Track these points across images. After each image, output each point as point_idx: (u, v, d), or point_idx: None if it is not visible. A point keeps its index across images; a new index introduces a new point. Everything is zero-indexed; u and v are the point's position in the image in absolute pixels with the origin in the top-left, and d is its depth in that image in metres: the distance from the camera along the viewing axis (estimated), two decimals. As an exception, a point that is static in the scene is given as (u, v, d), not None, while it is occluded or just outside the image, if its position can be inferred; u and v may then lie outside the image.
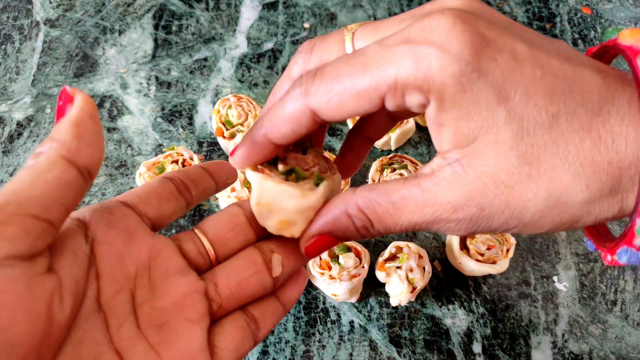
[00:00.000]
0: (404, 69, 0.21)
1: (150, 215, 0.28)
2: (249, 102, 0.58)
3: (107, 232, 0.25)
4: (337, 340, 0.48)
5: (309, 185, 0.26)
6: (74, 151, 0.22)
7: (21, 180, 0.21)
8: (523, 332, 0.50)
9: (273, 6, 0.72)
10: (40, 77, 0.64)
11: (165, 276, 0.26)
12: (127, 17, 0.70)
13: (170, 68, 0.66)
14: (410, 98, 0.22)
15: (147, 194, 0.28)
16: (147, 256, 0.26)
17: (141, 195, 0.28)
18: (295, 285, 0.31)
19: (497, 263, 0.48)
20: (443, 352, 0.48)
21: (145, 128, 0.61)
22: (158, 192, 0.28)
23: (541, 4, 0.75)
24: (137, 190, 0.28)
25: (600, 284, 0.53)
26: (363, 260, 0.47)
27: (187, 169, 0.31)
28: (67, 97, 0.23)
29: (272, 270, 0.29)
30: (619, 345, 0.49)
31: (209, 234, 0.29)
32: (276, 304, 0.30)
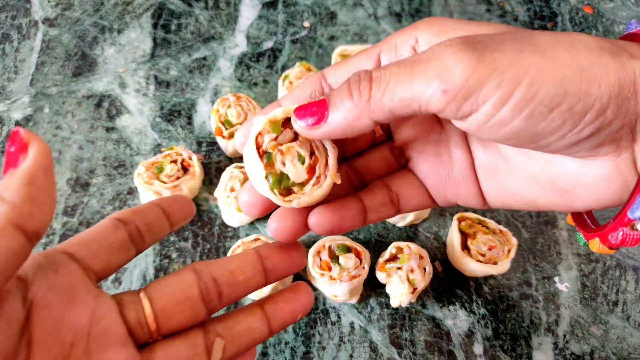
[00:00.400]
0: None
1: (97, 269, 0.26)
2: (248, 102, 0.57)
3: (48, 294, 0.23)
4: (337, 342, 0.48)
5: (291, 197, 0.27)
6: (25, 215, 0.20)
7: None
8: (524, 332, 0.49)
9: (273, 5, 0.72)
10: (39, 77, 0.64)
11: (103, 346, 0.24)
12: (126, 16, 0.70)
13: (169, 67, 0.65)
14: None
15: (97, 243, 0.26)
16: (87, 321, 0.24)
17: (91, 245, 0.26)
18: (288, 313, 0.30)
19: (499, 264, 0.48)
20: (444, 353, 0.48)
21: (144, 128, 0.60)
22: (109, 242, 0.27)
23: (542, 3, 0.75)
24: (87, 238, 0.27)
25: (601, 285, 0.52)
26: (363, 261, 0.47)
27: (144, 209, 0.29)
28: (21, 144, 0.21)
29: (212, 355, 0.27)
30: (620, 346, 0.49)
31: (155, 304, 0.26)
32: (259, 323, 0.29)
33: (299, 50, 0.68)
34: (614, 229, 0.24)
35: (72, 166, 0.57)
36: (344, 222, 0.28)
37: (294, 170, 0.26)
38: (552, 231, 0.55)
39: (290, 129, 0.27)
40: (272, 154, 0.26)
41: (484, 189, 0.30)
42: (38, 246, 0.52)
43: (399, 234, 0.55)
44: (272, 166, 0.26)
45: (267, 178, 0.26)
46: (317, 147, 0.27)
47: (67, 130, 0.59)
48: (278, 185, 0.26)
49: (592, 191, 0.25)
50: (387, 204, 0.30)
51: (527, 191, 0.27)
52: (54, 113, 0.61)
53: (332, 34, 0.70)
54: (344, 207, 0.28)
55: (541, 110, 0.21)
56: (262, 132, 0.27)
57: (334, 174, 0.27)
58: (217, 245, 0.53)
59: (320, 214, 0.28)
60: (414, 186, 0.31)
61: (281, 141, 0.26)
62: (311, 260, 0.47)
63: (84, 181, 0.56)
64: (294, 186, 0.27)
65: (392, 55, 0.28)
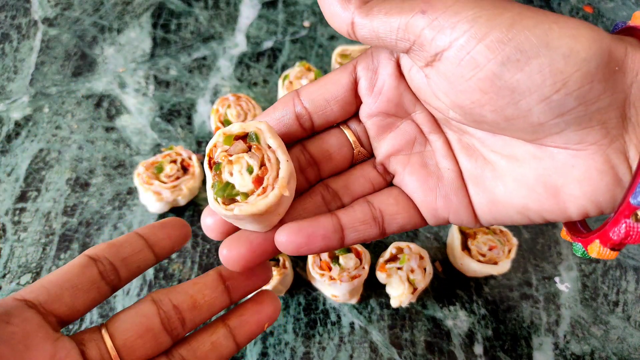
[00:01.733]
0: None
1: (59, 312, 0.26)
2: (248, 102, 0.57)
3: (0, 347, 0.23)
4: (337, 342, 0.48)
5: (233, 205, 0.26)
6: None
7: None
8: (524, 333, 0.49)
9: (272, 5, 0.72)
10: (38, 77, 0.63)
11: None
12: (126, 15, 0.70)
13: (169, 67, 0.65)
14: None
15: (59, 287, 0.26)
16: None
17: (51, 289, 0.25)
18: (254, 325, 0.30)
19: (499, 264, 0.48)
20: (444, 354, 0.48)
21: (143, 127, 0.60)
22: (74, 283, 0.26)
23: (542, 3, 0.75)
24: (49, 282, 0.26)
25: (602, 285, 0.52)
26: (363, 261, 0.47)
27: (122, 242, 0.29)
28: None
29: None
30: (620, 346, 0.49)
31: (117, 339, 0.26)
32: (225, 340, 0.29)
33: (299, 50, 0.68)
34: (615, 223, 0.22)
35: (72, 166, 0.57)
36: (312, 242, 0.26)
37: (239, 179, 0.26)
38: (553, 231, 0.55)
39: (245, 142, 0.27)
40: (221, 164, 0.26)
41: (474, 202, 0.28)
42: (38, 246, 0.52)
43: (399, 234, 0.55)
44: (219, 176, 0.27)
45: (213, 186, 0.26)
46: (269, 159, 0.26)
47: (67, 130, 0.59)
48: (221, 193, 0.26)
49: (585, 186, 0.23)
50: (368, 222, 0.28)
51: (517, 197, 0.26)
52: (54, 113, 0.61)
53: (332, 34, 0.70)
54: (315, 224, 0.26)
55: (518, 57, 0.20)
56: (216, 144, 0.27)
57: (283, 185, 0.26)
58: (216, 246, 0.53)
59: (286, 231, 0.26)
60: (400, 202, 0.29)
61: (232, 152, 0.27)
62: (311, 260, 0.47)
63: (83, 181, 0.56)
64: (238, 195, 0.26)
65: (369, 62, 0.27)
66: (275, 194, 0.25)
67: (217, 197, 0.26)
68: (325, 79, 0.28)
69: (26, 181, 0.55)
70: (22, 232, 0.52)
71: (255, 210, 0.25)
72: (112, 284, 0.28)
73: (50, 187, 0.55)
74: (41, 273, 0.50)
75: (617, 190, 0.23)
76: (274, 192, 0.25)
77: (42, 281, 0.26)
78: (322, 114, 0.28)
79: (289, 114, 0.28)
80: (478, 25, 0.21)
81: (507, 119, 0.23)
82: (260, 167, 0.26)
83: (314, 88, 0.28)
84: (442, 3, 0.22)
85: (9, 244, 0.52)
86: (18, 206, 0.54)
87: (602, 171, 0.23)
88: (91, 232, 0.53)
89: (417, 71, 0.26)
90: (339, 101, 0.28)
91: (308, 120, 0.29)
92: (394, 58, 0.27)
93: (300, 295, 0.50)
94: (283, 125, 0.29)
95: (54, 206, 0.54)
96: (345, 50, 0.62)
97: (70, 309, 0.26)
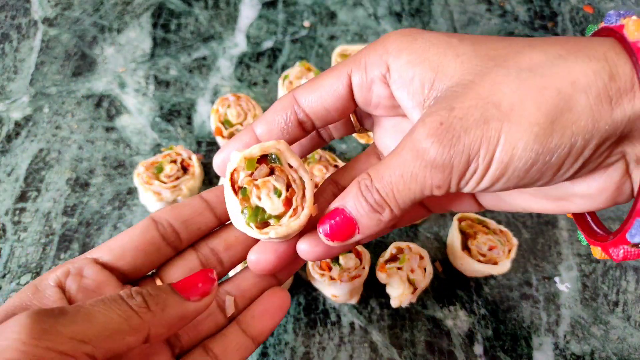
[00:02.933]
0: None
1: (124, 270, 0.28)
2: (248, 101, 0.57)
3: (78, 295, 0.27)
4: (337, 342, 0.48)
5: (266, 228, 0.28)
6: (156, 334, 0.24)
7: None
8: (524, 333, 0.49)
9: (273, 5, 0.72)
10: (38, 77, 0.63)
11: None
12: (126, 15, 0.70)
13: (169, 67, 0.65)
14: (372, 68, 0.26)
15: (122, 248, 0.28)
16: None
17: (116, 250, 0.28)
18: (267, 318, 0.31)
19: (499, 264, 0.48)
20: (444, 354, 0.48)
21: (143, 128, 0.60)
22: (135, 245, 0.29)
23: (543, 3, 0.75)
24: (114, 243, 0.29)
25: (602, 285, 0.52)
26: (363, 261, 0.47)
27: (183, 205, 0.30)
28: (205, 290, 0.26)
29: (225, 311, 0.30)
30: (620, 346, 0.49)
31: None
32: (242, 338, 0.30)
33: (299, 50, 0.68)
34: (615, 245, 0.24)
35: (72, 166, 0.57)
36: (332, 248, 0.28)
37: (269, 203, 0.27)
38: (553, 231, 0.55)
39: (266, 164, 0.27)
40: (248, 189, 0.27)
41: (478, 195, 0.30)
42: (38, 246, 0.52)
43: (399, 234, 0.55)
44: (247, 201, 0.27)
45: (243, 212, 0.27)
46: (294, 180, 0.27)
47: (67, 130, 0.59)
48: (254, 218, 0.27)
49: (587, 199, 0.25)
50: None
51: (520, 200, 0.28)
52: (54, 113, 0.61)
53: (332, 34, 0.70)
54: None
55: (517, 174, 0.22)
56: (237, 168, 0.27)
57: (311, 205, 0.27)
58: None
59: (309, 241, 0.28)
60: None
61: (256, 177, 0.27)
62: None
63: (83, 181, 0.56)
64: (270, 219, 0.27)
65: (362, 78, 0.27)
66: (305, 215, 0.27)
67: (250, 223, 0.27)
68: (321, 85, 0.28)
69: (26, 181, 0.55)
70: (22, 232, 0.52)
71: (290, 232, 0.27)
72: (174, 245, 0.30)
73: (50, 187, 0.55)
74: (41, 273, 0.50)
75: (619, 199, 0.24)
76: (304, 212, 0.27)
77: (109, 242, 0.29)
78: (322, 120, 0.29)
79: (292, 121, 0.29)
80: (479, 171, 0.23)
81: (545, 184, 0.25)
82: (287, 189, 0.27)
83: (311, 96, 0.28)
84: (440, 175, 0.23)
85: (9, 244, 0.52)
86: (18, 206, 0.54)
87: (604, 188, 0.24)
88: (91, 232, 0.53)
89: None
90: (338, 110, 0.29)
91: (310, 126, 0.30)
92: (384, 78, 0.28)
93: (300, 295, 0.50)
94: (287, 132, 0.29)
95: (54, 206, 0.54)
96: (346, 50, 0.62)
97: (133, 268, 0.29)
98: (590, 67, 0.21)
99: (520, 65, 0.22)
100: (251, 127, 0.29)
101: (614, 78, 0.21)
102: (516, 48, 0.23)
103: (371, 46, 0.27)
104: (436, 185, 0.23)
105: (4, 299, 0.49)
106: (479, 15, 0.73)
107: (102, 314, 0.22)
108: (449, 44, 0.24)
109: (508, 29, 0.72)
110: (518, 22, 0.73)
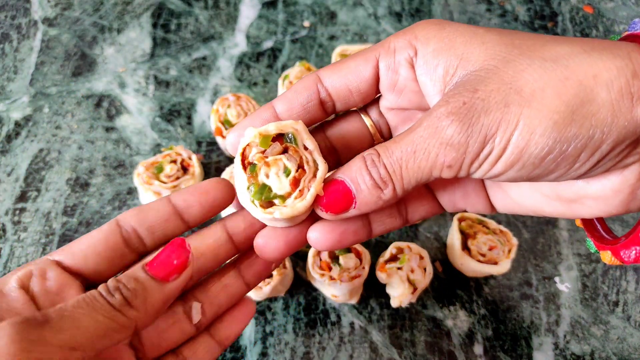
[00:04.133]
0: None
1: (86, 275, 0.27)
2: (248, 101, 0.57)
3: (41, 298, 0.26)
4: (337, 342, 0.48)
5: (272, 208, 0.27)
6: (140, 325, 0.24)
7: None
8: (524, 333, 0.49)
9: (272, 5, 0.72)
10: (38, 77, 0.63)
11: None
12: (126, 15, 0.70)
13: (169, 67, 0.65)
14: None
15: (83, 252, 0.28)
16: None
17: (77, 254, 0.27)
18: (234, 323, 0.31)
19: (499, 264, 0.48)
20: (444, 354, 0.48)
21: (143, 128, 0.60)
22: (97, 250, 0.28)
23: (543, 3, 0.75)
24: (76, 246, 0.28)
25: (602, 285, 0.52)
26: (363, 261, 0.47)
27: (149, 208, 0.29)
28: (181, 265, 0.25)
29: (192, 318, 0.29)
30: (620, 346, 0.49)
31: None
32: (210, 343, 0.30)
33: (299, 50, 0.68)
34: (626, 247, 0.23)
35: (72, 166, 0.57)
36: (345, 238, 0.27)
37: (277, 182, 0.26)
38: (553, 231, 0.55)
39: (281, 143, 0.26)
40: (257, 165, 0.26)
41: (492, 198, 0.29)
42: (38, 246, 0.52)
43: (399, 234, 0.54)
44: (255, 178, 0.26)
45: (249, 189, 0.26)
46: (307, 162, 0.27)
47: (67, 130, 0.59)
48: (259, 196, 0.26)
49: (600, 202, 0.24)
50: (393, 214, 0.29)
51: (533, 201, 0.27)
52: (54, 113, 0.61)
53: (332, 34, 0.70)
54: (346, 220, 0.28)
55: (532, 161, 0.22)
56: (250, 144, 0.26)
57: (319, 186, 0.26)
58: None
59: (320, 229, 0.27)
60: (422, 194, 0.30)
61: (268, 154, 0.26)
62: (311, 260, 0.47)
63: (83, 181, 0.56)
64: (275, 199, 0.26)
65: (390, 61, 0.27)
66: (312, 194, 0.26)
67: (255, 200, 0.26)
68: (347, 66, 0.28)
69: (26, 181, 0.55)
70: (22, 232, 0.52)
71: (295, 212, 0.26)
72: (138, 251, 0.29)
73: (50, 187, 0.55)
74: (41, 273, 0.50)
75: (631, 204, 0.24)
76: (310, 192, 0.26)
77: (72, 245, 0.28)
78: (344, 102, 0.29)
79: (314, 100, 0.28)
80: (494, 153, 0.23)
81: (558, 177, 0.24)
82: (297, 170, 0.26)
83: (336, 76, 0.28)
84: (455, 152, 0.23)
85: (9, 244, 0.52)
86: (18, 206, 0.54)
87: (618, 190, 0.23)
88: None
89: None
90: (362, 93, 0.28)
91: (331, 107, 0.29)
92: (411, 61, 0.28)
93: (300, 295, 0.50)
94: (307, 112, 0.29)
95: (54, 206, 0.54)
96: (346, 50, 0.62)
97: (95, 272, 0.28)
98: (614, 63, 0.21)
99: (544, 55, 0.22)
100: (271, 105, 0.29)
101: (637, 76, 0.21)
102: (541, 41, 0.23)
103: (400, 33, 0.27)
104: (447, 165, 0.23)
105: (4, 299, 0.49)
106: (479, 15, 0.73)
107: (87, 317, 0.22)
108: (475, 34, 0.25)
109: (508, 29, 0.72)
110: (518, 22, 0.73)
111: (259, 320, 0.49)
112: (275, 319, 0.49)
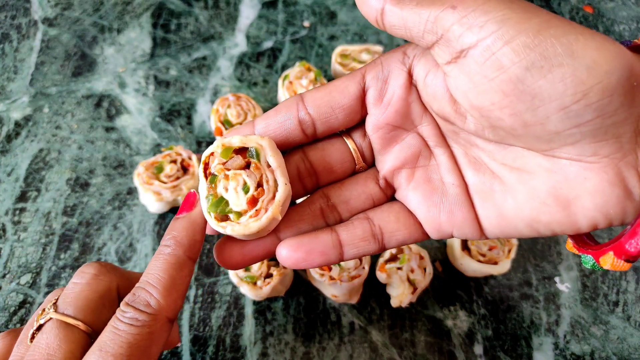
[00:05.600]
0: None
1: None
2: (248, 101, 0.57)
3: None
4: (337, 342, 0.48)
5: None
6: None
7: None
8: (525, 333, 0.49)
9: (272, 5, 0.72)
10: (38, 77, 0.63)
11: None
12: (126, 15, 0.70)
13: (169, 67, 0.65)
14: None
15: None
16: None
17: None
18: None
19: (499, 264, 0.48)
20: (444, 354, 0.48)
21: (143, 128, 0.60)
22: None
23: (543, 3, 0.75)
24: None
25: (602, 285, 0.52)
26: (363, 261, 0.47)
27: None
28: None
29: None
30: (620, 346, 0.49)
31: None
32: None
33: (299, 50, 0.68)
34: (632, 235, 0.23)
35: (72, 166, 0.57)
36: (311, 257, 0.27)
37: (235, 197, 0.26)
38: (553, 231, 0.55)
39: (243, 157, 0.26)
40: (217, 177, 0.26)
41: (480, 216, 0.28)
42: (38, 246, 0.52)
43: (399, 234, 0.54)
44: (215, 189, 0.26)
45: (207, 198, 0.26)
46: (267, 181, 0.26)
47: (67, 130, 0.59)
48: (215, 208, 0.26)
49: (596, 198, 0.23)
50: (368, 238, 0.28)
51: (527, 210, 0.26)
52: (54, 113, 0.61)
53: (332, 34, 0.70)
54: (314, 240, 0.27)
55: (543, 64, 0.21)
56: (214, 153, 0.26)
57: (277, 209, 0.25)
58: (216, 246, 0.53)
59: (287, 246, 0.27)
60: (400, 219, 0.29)
61: (229, 166, 0.26)
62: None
63: (83, 181, 0.56)
64: (230, 213, 0.26)
65: (379, 70, 0.27)
66: (268, 217, 0.25)
67: (211, 212, 0.26)
68: (332, 86, 0.28)
69: (26, 181, 0.55)
70: (22, 232, 0.52)
71: (247, 232, 0.25)
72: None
73: (50, 187, 0.55)
74: (41, 273, 0.50)
75: (627, 203, 0.23)
76: (267, 215, 0.25)
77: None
78: (325, 121, 0.28)
79: (292, 119, 0.28)
80: (506, 27, 0.21)
81: (525, 125, 0.23)
82: (257, 188, 0.26)
83: (319, 94, 0.28)
84: (473, 1, 0.22)
85: (9, 244, 0.52)
86: (18, 206, 0.54)
87: (613, 184, 0.23)
88: (91, 232, 0.53)
89: (434, 77, 0.26)
90: (345, 109, 0.28)
91: (311, 127, 0.28)
92: (405, 68, 0.27)
93: (300, 295, 0.50)
94: (284, 130, 0.28)
95: (54, 206, 0.54)
96: (345, 50, 0.62)
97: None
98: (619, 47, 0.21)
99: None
100: (253, 122, 0.28)
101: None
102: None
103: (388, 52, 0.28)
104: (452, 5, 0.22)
105: (4, 299, 0.49)
106: (479, 15, 0.73)
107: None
108: None
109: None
110: (518, 22, 0.73)
111: (259, 320, 0.49)
112: (275, 319, 0.49)
